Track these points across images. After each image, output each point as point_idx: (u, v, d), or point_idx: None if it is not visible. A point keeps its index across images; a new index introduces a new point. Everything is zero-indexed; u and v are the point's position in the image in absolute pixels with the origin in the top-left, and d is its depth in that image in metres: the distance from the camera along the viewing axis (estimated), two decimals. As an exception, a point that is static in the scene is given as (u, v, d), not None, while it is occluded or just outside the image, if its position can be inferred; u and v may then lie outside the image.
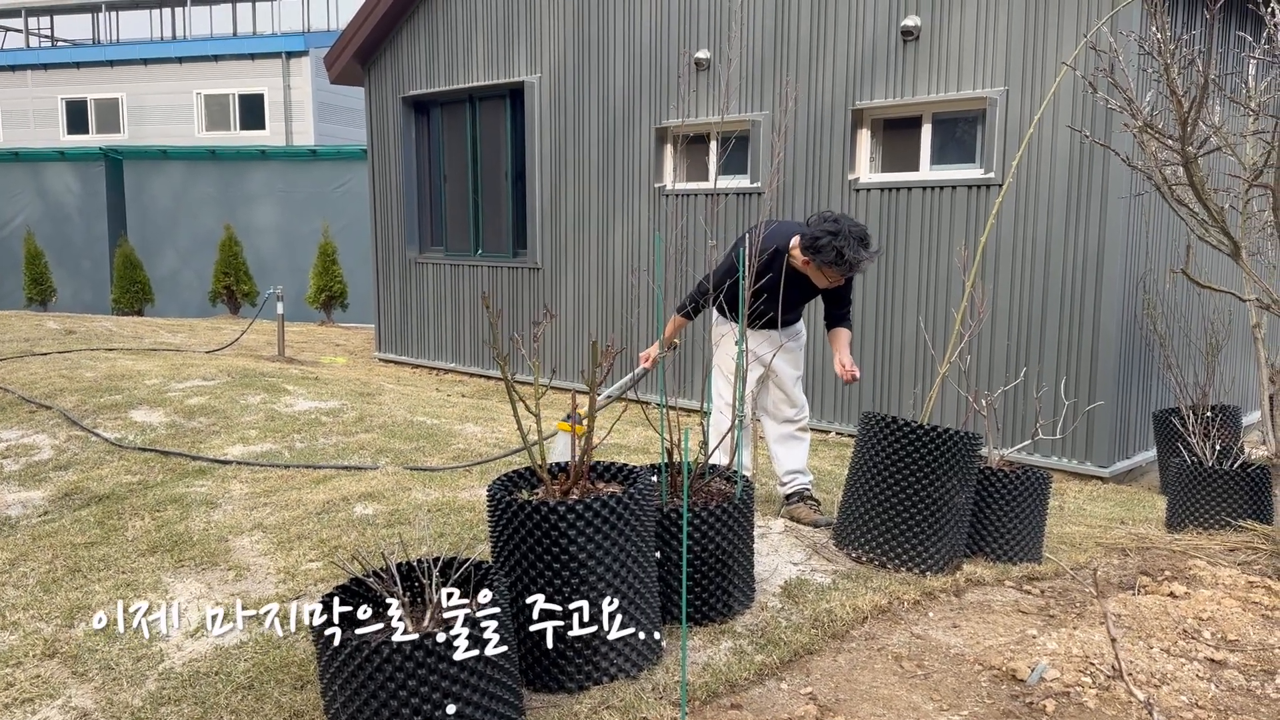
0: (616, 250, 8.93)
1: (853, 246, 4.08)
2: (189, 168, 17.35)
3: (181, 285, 16.95)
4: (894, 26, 7.02)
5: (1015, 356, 6.62)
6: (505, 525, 3.00)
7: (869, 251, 4.15)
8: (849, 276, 4.30)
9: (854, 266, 4.15)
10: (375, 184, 11.29)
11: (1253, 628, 3.52)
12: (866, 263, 4.18)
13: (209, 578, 3.93)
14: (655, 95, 8.50)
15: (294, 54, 25.49)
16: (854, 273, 4.24)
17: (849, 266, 4.13)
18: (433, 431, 6.14)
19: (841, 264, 4.11)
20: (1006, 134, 6.57)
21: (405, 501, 4.63)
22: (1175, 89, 3.79)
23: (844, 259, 4.09)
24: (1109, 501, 5.89)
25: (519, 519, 2.96)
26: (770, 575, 3.82)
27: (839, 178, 7.39)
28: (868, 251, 4.14)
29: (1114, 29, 5.72)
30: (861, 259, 4.12)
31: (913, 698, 3.01)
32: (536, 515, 2.93)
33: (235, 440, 5.86)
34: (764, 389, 4.69)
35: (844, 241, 4.07)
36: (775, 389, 4.65)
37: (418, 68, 10.59)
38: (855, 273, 4.25)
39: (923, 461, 3.87)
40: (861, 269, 4.23)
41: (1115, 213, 6.15)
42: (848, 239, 4.07)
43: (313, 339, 12.84)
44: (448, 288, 10.59)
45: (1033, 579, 4.05)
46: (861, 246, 4.11)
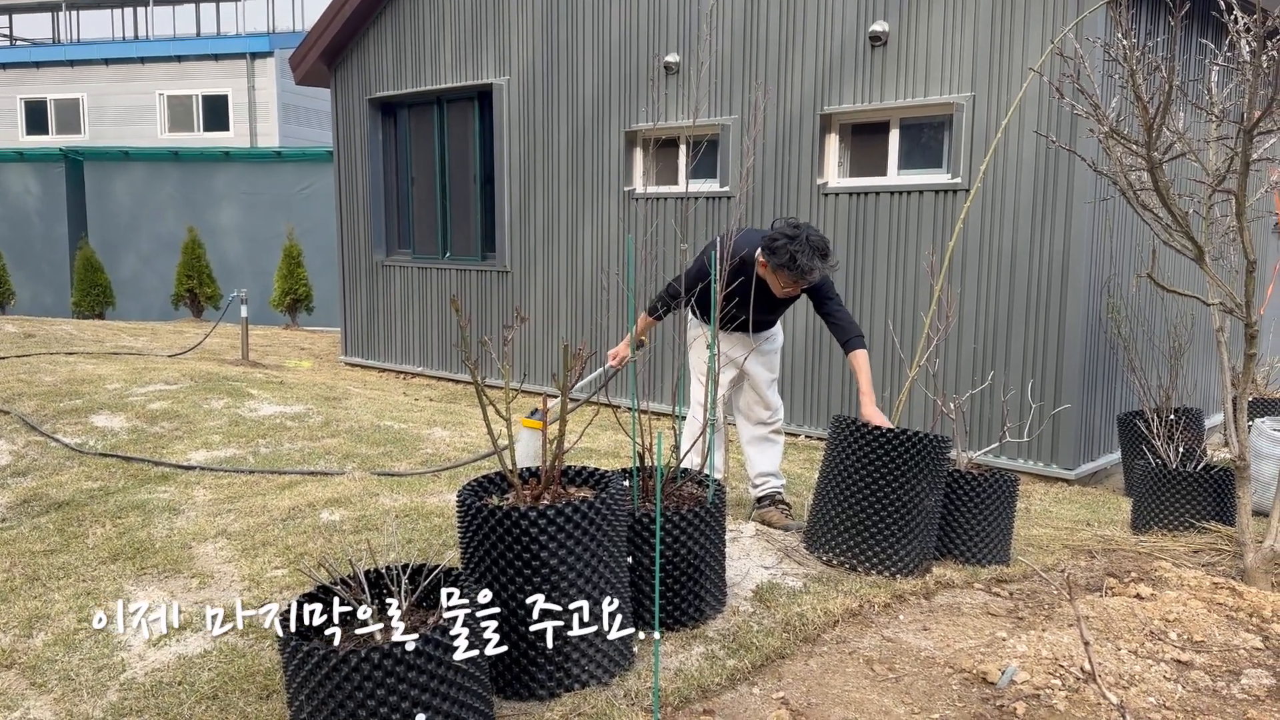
0: (586, 253, 8.91)
1: (807, 254, 4.04)
2: (151, 169, 17.13)
3: (144, 288, 16.72)
4: (862, 31, 7.05)
5: (982, 360, 6.67)
6: (475, 531, 2.97)
7: (825, 263, 4.11)
8: (804, 287, 4.23)
9: (805, 274, 4.09)
10: (341, 186, 11.19)
11: (1218, 629, 3.55)
12: (819, 273, 4.12)
13: (172, 585, 3.86)
14: (625, 98, 8.49)
15: (258, 55, 25.24)
16: (805, 281, 4.16)
17: (800, 273, 4.08)
18: (400, 436, 6.08)
19: (794, 269, 4.07)
20: (973, 139, 6.62)
21: (373, 507, 4.58)
22: (1140, 95, 3.83)
23: (796, 264, 4.06)
24: (1075, 504, 5.94)
25: (489, 524, 2.93)
26: (742, 579, 3.81)
27: (808, 182, 7.41)
28: (824, 263, 4.10)
29: (1080, 35, 5.78)
30: (814, 268, 4.07)
31: (884, 701, 3.01)
32: (507, 521, 2.90)
33: (198, 445, 5.77)
34: (738, 391, 4.70)
35: (799, 247, 4.04)
36: (749, 390, 4.65)
37: (385, 69, 10.51)
38: (807, 282, 4.16)
39: (892, 465, 3.88)
40: (813, 279, 4.15)
41: (1081, 218, 6.22)
42: (803, 246, 4.05)
43: (277, 342, 12.70)
44: (415, 291, 10.51)
45: (1001, 581, 4.07)
46: (817, 256, 4.07)
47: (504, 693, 2.96)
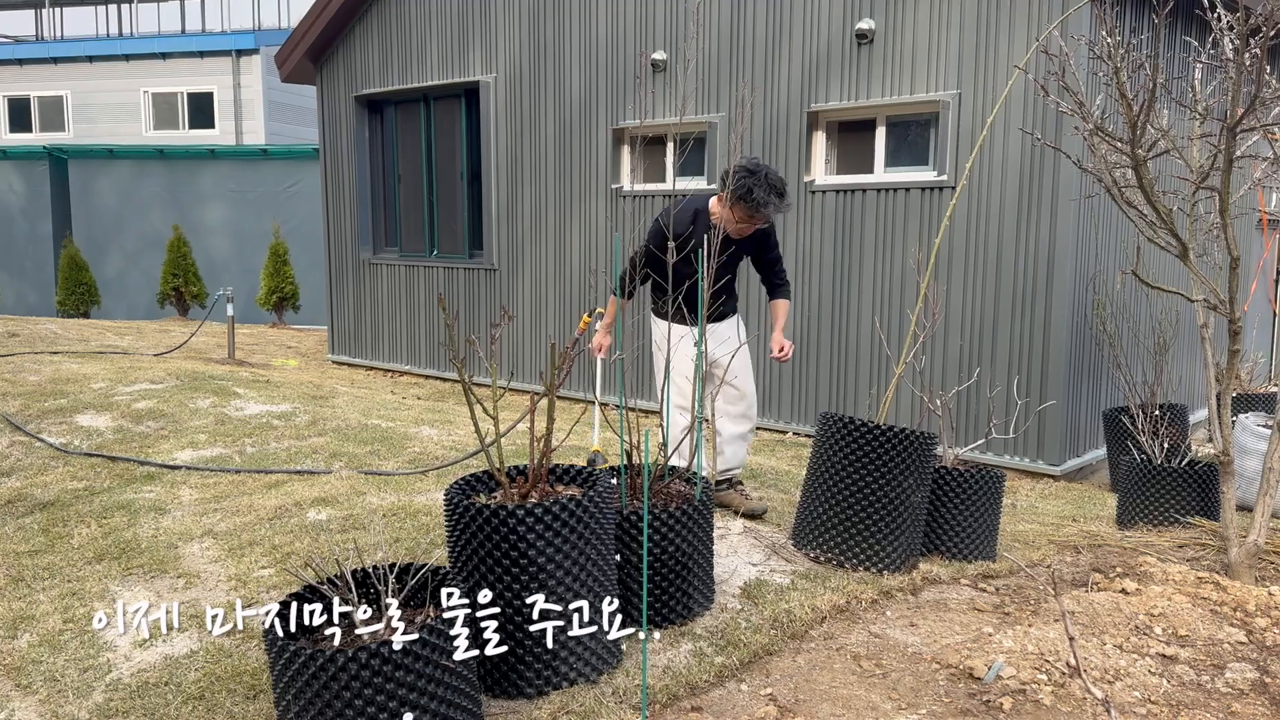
0: (574, 251, 8.90)
1: (764, 188, 4.14)
2: (136, 167, 17.04)
3: (129, 287, 16.64)
4: (849, 29, 7.06)
5: (969, 357, 6.69)
6: (463, 529, 2.97)
7: (781, 201, 4.21)
8: (759, 224, 4.32)
9: (760, 206, 4.17)
10: (328, 184, 11.16)
11: (1202, 623, 3.58)
12: (774, 209, 4.21)
13: (158, 586, 3.84)
14: (612, 96, 8.49)
15: (244, 52, 25.11)
16: (760, 215, 4.23)
17: (755, 205, 4.16)
18: (388, 435, 6.07)
19: (750, 201, 4.15)
20: (959, 137, 6.64)
21: (360, 506, 4.56)
22: (1125, 93, 3.84)
23: (752, 196, 4.14)
24: (1061, 499, 5.97)
25: (477, 523, 2.93)
26: (730, 576, 3.82)
27: (795, 179, 7.42)
28: (780, 200, 4.20)
29: (1065, 33, 5.80)
30: (770, 202, 4.16)
31: (871, 697, 3.02)
32: (495, 519, 2.90)
33: (184, 445, 5.74)
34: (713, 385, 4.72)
35: (757, 181, 4.14)
36: (728, 385, 4.67)
37: (371, 67, 10.48)
38: (762, 216, 4.24)
39: (879, 461, 3.89)
40: (767, 213, 4.24)
41: (1066, 215, 6.24)
42: (761, 180, 4.14)
43: (264, 341, 12.65)
44: (402, 289, 10.49)
45: (988, 577, 4.09)
46: (774, 193, 4.17)
47: (492, 691, 2.96)
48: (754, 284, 5.29)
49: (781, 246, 4.77)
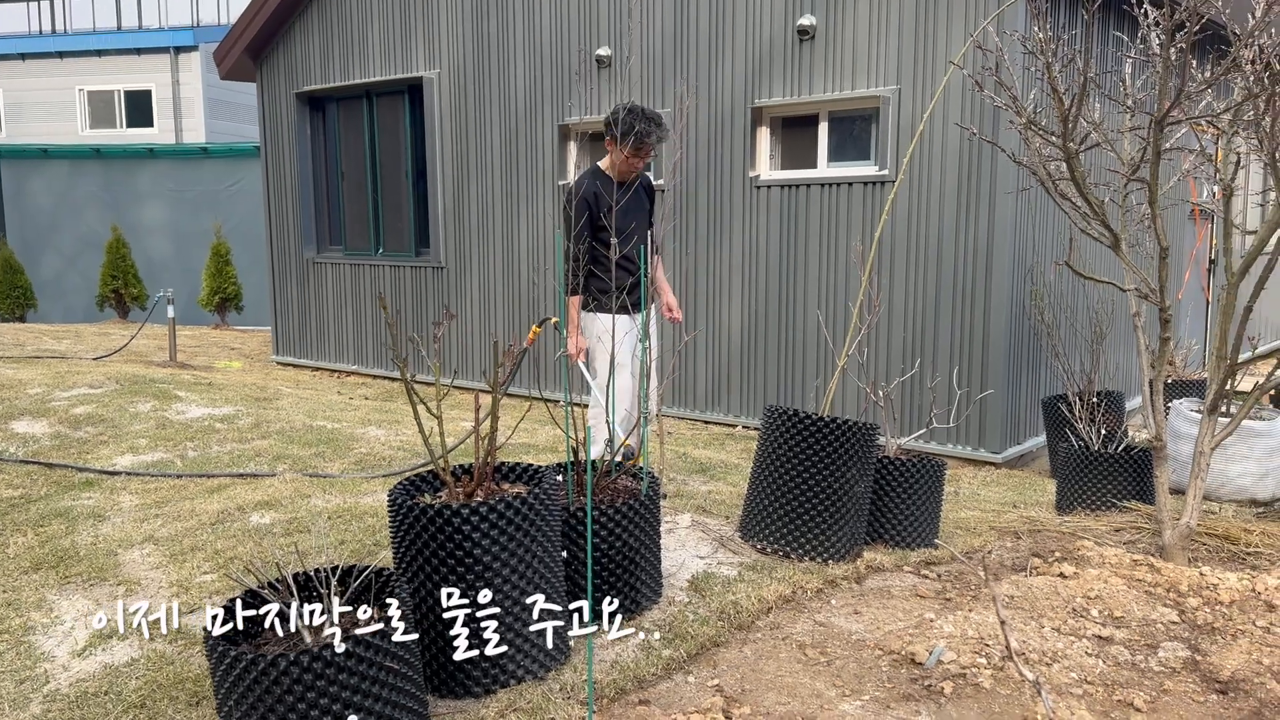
0: (522, 248, 8.87)
1: (644, 121, 4.60)
2: (72, 167, 16.66)
3: (67, 289, 16.28)
4: (790, 25, 7.12)
5: (911, 348, 6.79)
6: (407, 530, 2.95)
7: (660, 129, 4.67)
8: (648, 158, 4.80)
9: (645, 137, 4.60)
10: (269, 182, 11.00)
11: (1137, 604, 3.67)
12: (658, 138, 4.67)
13: (97, 594, 3.78)
14: (557, 92, 8.47)
15: (183, 49, 24.67)
16: (647, 147, 4.67)
17: (639, 138, 4.59)
18: (333, 436, 6.01)
19: (633, 135, 4.57)
20: (899, 132, 6.73)
21: (304, 509, 4.52)
22: (1057, 87, 3.93)
23: (634, 130, 4.57)
24: (1002, 486, 6.09)
25: (421, 523, 2.92)
26: (677, 570, 3.85)
27: (740, 175, 7.47)
28: (660, 129, 4.66)
29: (1000, 29, 5.91)
30: (652, 132, 4.62)
31: (816, 685, 3.06)
32: (439, 519, 2.89)
33: (124, 450, 5.64)
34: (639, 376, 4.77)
35: (635, 116, 4.60)
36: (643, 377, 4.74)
37: (312, 63, 10.35)
38: (648, 146, 4.67)
39: (823, 452, 3.94)
40: (651, 143, 4.67)
41: (1003, 207, 6.36)
42: (639, 115, 4.61)
43: (206, 343, 12.46)
44: (348, 288, 10.38)
45: (930, 564, 4.16)
46: (653, 122, 4.64)
47: (439, 691, 2.95)
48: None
49: (728, 242, 4.94)
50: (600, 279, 4.65)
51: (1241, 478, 5.74)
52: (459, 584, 2.89)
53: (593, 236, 4.70)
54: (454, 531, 2.88)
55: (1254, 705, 3.01)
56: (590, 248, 4.65)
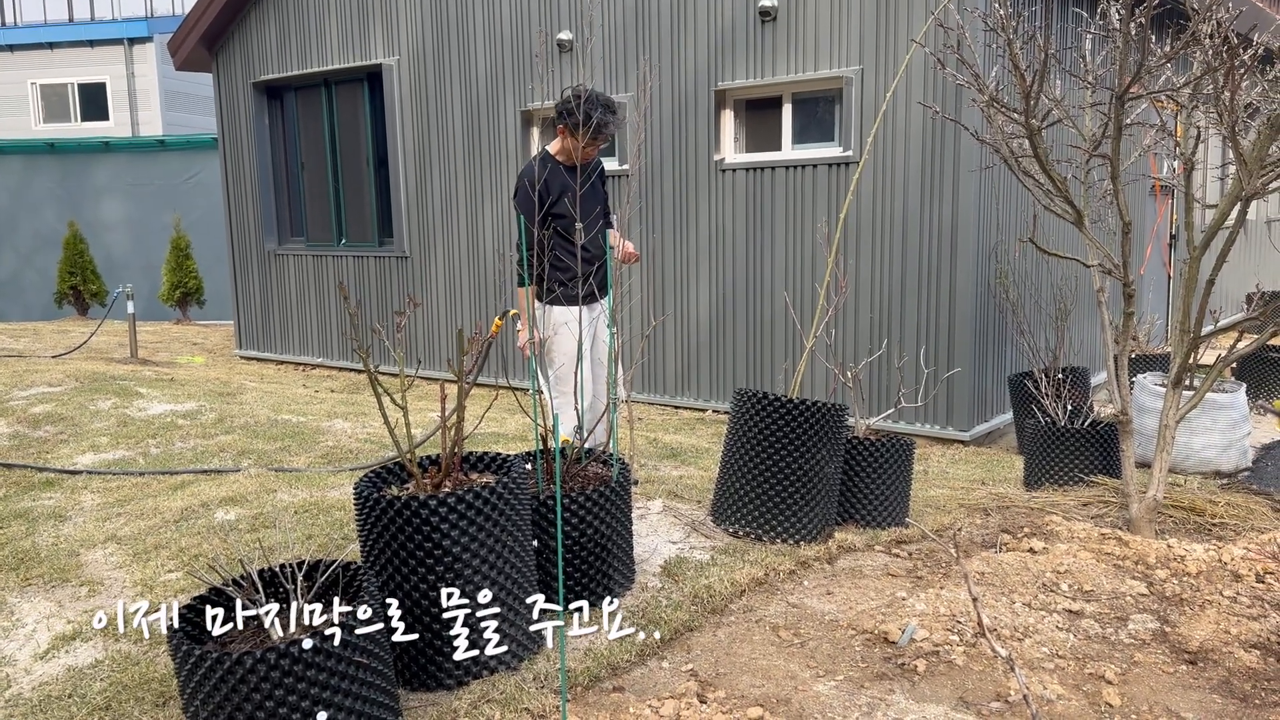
0: (487, 235, 8.80)
1: (598, 108, 4.46)
2: (26, 162, 16.35)
3: (24, 287, 15.99)
4: (752, 7, 7.08)
5: (878, 328, 6.80)
6: (374, 523, 2.91)
7: (614, 116, 4.57)
8: (602, 144, 4.67)
9: (603, 127, 4.49)
10: (228, 174, 10.84)
11: (1105, 577, 3.70)
12: (611, 126, 4.56)
13: (59, 595, 3.70)
14: (519, 77, 8.39)
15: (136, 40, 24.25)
16: (601, 136, 4.56)
17: (599, 127, 4.46)
18: (299, 430, 5.94)
19: (587, 123, 4.44)
20: (863, 112, 6.72)
21: (270, 504, 4.46)
22: (1018, 64, 3.93)
23: (589, 118, 4.44)
24: (970, 464, 6.12)
25: (388, 515, 2.87)
26: (650, 555, 3.83)
27: (705, 158, 7.44)
28: (613, 116, 4.56)
29: (961, 6, 5.91)
30: (608, 120, 4.52)
31: (790, 666, 3.06)
32: (406, 511, 2.85)
33: (85, 448, 5.54)
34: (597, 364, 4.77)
35: (593, 104, 4.46)
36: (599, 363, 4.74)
37: (269, 51, 10.19)
38: (602, 136, 4.57)
39: (793, 434, 3.94)
40: (607, 131, 4.57)
41: (967, 186, 6.37)
42: (593, 100, 4.46)
43: (168, 338, 12.28)
44: (311, 280, 10.26)
45: (901, 543, 4.17)
46: (608, 111, 4.53)
47: (410, 684, 2.92)
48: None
49: (694, 226, 4.90)
50: (557, 271, 4.59)
51: (1206, 450, 5.80)
52: (428, 575, 2.85)
53: (542, 225, 4.57)
54: (421, 523, 2.84)
55: (1222, 674, 3.04)
56: (544, 237, 4.56)
